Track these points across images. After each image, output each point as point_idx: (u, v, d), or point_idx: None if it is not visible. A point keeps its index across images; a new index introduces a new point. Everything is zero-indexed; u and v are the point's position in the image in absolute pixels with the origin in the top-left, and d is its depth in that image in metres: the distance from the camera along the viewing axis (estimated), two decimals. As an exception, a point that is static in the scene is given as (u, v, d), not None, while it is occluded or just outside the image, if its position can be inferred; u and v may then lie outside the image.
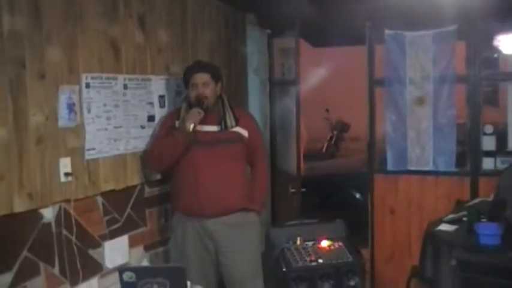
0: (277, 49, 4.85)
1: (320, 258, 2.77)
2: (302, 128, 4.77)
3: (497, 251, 3.26)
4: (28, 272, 2.81)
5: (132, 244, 3.51)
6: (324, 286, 2.65)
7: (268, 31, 4.80)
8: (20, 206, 2.74)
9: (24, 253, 2.79)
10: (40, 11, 2.80)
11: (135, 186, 3.53)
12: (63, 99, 2.95)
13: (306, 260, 2.75)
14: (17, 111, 2.71)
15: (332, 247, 2.85)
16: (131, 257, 3.51)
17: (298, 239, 2.86)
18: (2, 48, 2.61)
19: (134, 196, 3.52)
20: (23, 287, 2.78)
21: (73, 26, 3.01)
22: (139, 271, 2.50)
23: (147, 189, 3.64)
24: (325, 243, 2.86)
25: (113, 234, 3.36)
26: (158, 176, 3.70)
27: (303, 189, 4.37)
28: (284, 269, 2.71)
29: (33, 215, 2.84)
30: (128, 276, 2.52)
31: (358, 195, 6.17)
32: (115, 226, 3.37)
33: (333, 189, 6.17)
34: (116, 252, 3.38)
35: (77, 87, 3.04)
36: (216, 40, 4.34)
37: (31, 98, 2.77)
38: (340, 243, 2.88)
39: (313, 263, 2.74)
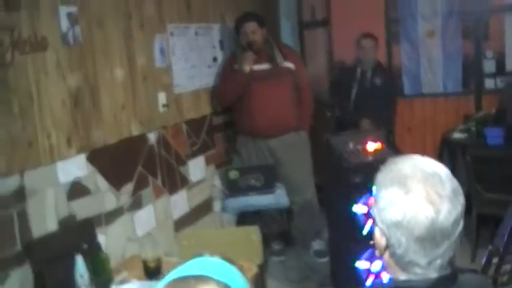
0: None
1: (369, 156, 3.58)
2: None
3: (501, 149, 4.12)
4: (142, 182, 3.59)
5: (207, 163, 4.31)
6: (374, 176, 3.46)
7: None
8: (135, 130, 3.52)
9: (139, 168, 3.58)
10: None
11: (206, 116, 4.29)
12: (157, 45, 3.69)
13: (359, 158, 3.56)
14: (129, 55, 3.45)
15: (376, 148, 3.66)
16: (207, 173, 4.30)
17: (351, 143, 3.67)
18: (115, 5, 3.34)
19: (206, 123, 4.29)
20: (139, 194, 3.57)
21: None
22: (241, 170, 3.29)
23: (214, 118, 4.40)
24: (371, 146, 3.66)
25: (194, 155, 4.14)
26: (219, 108, 4.46)
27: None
28: (345, 165, 3.51)
29: (143, 138, 3.61)
30: (233, 174, 3.32)
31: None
32: (195, 148, 4.15)
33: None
34: (197, 169, 4.17)
35: (165, 35, 3.78)
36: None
37: (137, 44, 3.52)
38: (382, 145, 3.68)
39: (365, 160, 3.55)
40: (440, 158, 4.37)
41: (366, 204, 3.60)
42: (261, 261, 2.73)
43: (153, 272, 2.27)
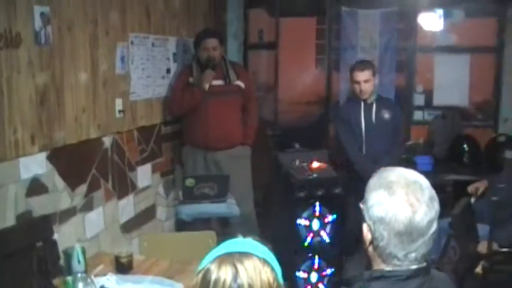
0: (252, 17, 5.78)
1: (314, 173, 3.82)
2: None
3: (431, 175, 4.47)
4: (95, 185, 3.66)
5: (153, 170, 4.41)
6: (318, 192, 3.73)
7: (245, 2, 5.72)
8: (93, 133, 3.59)
9: (93, 170, 3.64)
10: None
11: (156, 125, 4.41)
12: (119, 52, 3.80)
13: (304, 175, 3.80)
14: (93, 60, 3.54)
15: (320, 167, 3.91)
16: (153, 181, 4.41)
17: (297, 160, 3.90)
18: (84, 11, 3.43)
19: (155, 132, 4.40)
20: (91, 196, 3.63)
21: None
22: (196, 178, 3.44)
23: (163, 128, 4.52)
24: (315, 164, 3.92)
25: (143, 162, 4.24)
26: (169, 117, 4.58)
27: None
28: (291, 180, 3.74)
29: (99, 141, 3.68)
30: (189, 182, 3.46)
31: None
32: (144, 155, 4.25)
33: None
34: (144, 175, 4.27)
35: (126, 43, 3.89)
36: (207, 10, 5.21)
37: (101, 50, 3.61)
38: (325, 164, 3.95)
39: (310, 177, 3.79)
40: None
41: (307, 218, 3.85)
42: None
43: (125, 267, 2.38)
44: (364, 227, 1.57)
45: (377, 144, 4.21)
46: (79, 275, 1.75)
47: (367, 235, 1.57)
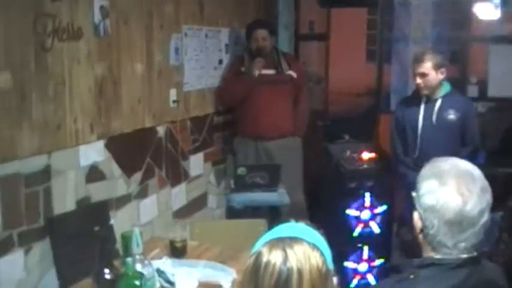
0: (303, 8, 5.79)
1: (364, 164, 3.85)
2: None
3: (483, 167, 4.43)
4: (149, 173, 3.78)
5: (205, 160, 4.50)
6: (368, 183, 3.76)
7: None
8: (148, 122, 3.71)
9: (147, 159, 3.76)
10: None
11: (209, 115, 4.50)
12: (173, 44, 3.89)
13: (355, 165, 3.83)
14: (148, 51, 3.64)
15: (370, 158, 3.93)
16: (204, 170, 4.51)
17: (348, 151, 3.93)
18: (140, 4, 3.53)
19: (208, 122, 4.49)
20: (146, 183, 3.76)
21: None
22: (248, 167, 3.52)
23: (215, 118, 4.61)
24: (366, 155, 3.94)
25: (195, 151, 4.34)
26: (222, 108, 4.67)
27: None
28: (341, 171, 3.78)
29: (153, 130, 3.80)
30: (241, 170, 3.54)
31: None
32: (196, 144, 4.35)
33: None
34: (196, 164, 4.37)
35: (180, 35, 3.98)
36: (258, 2, 5.26)
37: (156, 42, 3.71)
38: (376, 155, 3.97)
39: (360, 167, 3.82)
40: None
41: (357, 208, 3.88)
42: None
43: (179, 251, 2.47)
44: (415, 215, 1.60)
45: (436, 148, 3.46)
46: (137, 256, 1.84)
47: (417, 223, 1.60)
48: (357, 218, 3.84)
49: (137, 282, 1.74)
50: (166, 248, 2.55)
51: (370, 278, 3.92)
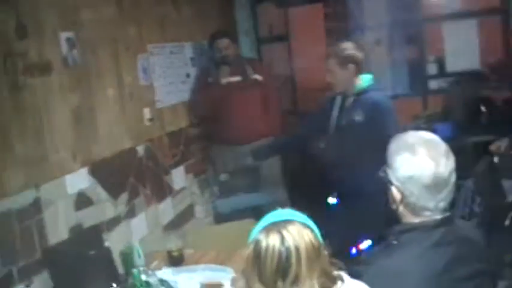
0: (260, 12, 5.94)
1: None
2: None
3: (451, 141, 4.61)
4: (134, 192, 3.87)
5: (186, 172, 4.61)
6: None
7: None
8: (127, 144, 3.81)
9: (131, 179, 3.86)
10: (122, 6, 3.83)
11: (183, 128, 4.61)
12: (140, 65, 4.00)
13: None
14: (118, 75, 3.75)
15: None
16: (187, 182, 4.61)
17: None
18: (104, 32, 3.63)
19: (183, 135, 4.60)
20: (132, 203, 3.85)
21: (141, 13, 4.04)
22: (230, 172, 3.66)
23: (190, 130, 4.72)
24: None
25: (176, 165, 4.44)
26: (195, 119, 4.78)
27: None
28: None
29: (133, 151, 3.89)
30: (224, 177, 3.68)
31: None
32: (176, 158, 4.46)
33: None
34: (178, 178, 4.48)
35: (146, 55, 4.09)
36: (217, 12, 5.39)
37: (123, 65, 3.82)
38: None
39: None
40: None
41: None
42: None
43: (177, 260, 2.59)
44: (393, 189, 1.74)
45: (344, 151, 3.51)
46: (141, 268, 1.95)
47: (397, 195, 1.74)
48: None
49: (146, 291, 1.86)
50: (164, 259, 2.66)
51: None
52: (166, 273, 2.32)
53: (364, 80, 3.53)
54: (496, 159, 4.06)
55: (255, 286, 1.39)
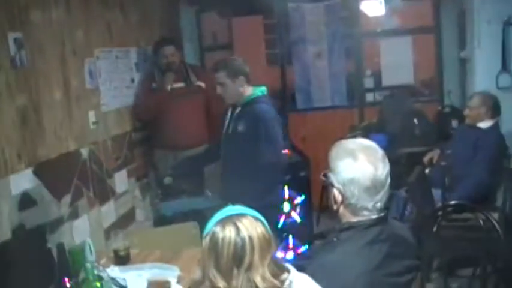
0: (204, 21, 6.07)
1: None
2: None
3: (386, 150, 4.86)
4: (78, 194, 3.90)
5: (129, 176, 4.66)
6: (285, 176, 4.08)
7: (195, 7, 6.02)
8: (71, 146, 3.83)
9: (75, 181, 3.88)
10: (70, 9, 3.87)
11: (127, 132, 4.66)
12: (87, 68, 4.04)
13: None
14: (64, 78, 3.77)
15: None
16: (129, 185, 4.66)
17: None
18: (52, 34, 3.66)
19: (127, 139, 4.65)
20: (76, 205, 3.87)
21: (89, 17, 4.09)
22: (174, 176, 3.75)
23: (133, 134, 4.78)
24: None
25: (118, 168, 4.48)
26: (139, 124, 4.84)
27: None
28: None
29: (77, 153, 3.92)
30: (168, 180, 3.75)
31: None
32: (118, 162, 4.50)
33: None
34: (121, 181, 4.52)
35: (93, 59, 4.13)
36: (162, 19, 5.47)
37: (70, 68, 3.85)
38: (289, 151, 4.30)
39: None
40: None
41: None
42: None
43: (124, 259, 2.66)
44: (335, 191, 1.89)
45: (231, 159, 3.67)
46: (94, 263, 2.02)
47: (338, 197, 1.89)
48: (279, 210, 4.13)
49: (99, 284, 1.92)
50: (111, 259, 2.72)
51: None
52: (114, 271, 2.38)
53: (255, 91, 3.64)
54: (427, 170, 4.32)
55: (212, 274, 1.51)
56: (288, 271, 1.58)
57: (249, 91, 3.62)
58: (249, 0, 5.90)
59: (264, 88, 3.69)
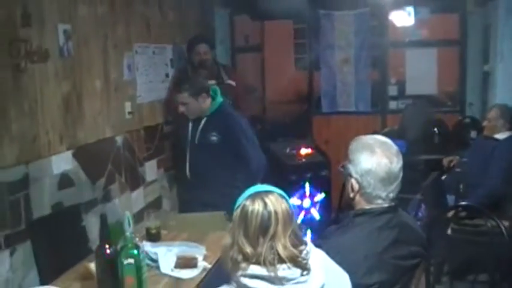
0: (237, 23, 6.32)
1: (303, 159, 4.37)
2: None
3: (405, 157, 5.04)
4: (111, 179, 4.15)
5: (158, 166, 4.91)
6: (307, 174, 4.28)
7: (228, 10, 6.27)
8: (108, 133, 4.08)
9: (109, 166, 4.14)
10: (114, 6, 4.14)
11: (159, 124, 4.91)
12: (126, 61, 4.30)
13: (295, 160, 4.34)
14: (105, 69, 4.04)
15: (308, 153, 4.46)
16: (158, 175, 4.91)
17: (288, 148, 4.44)
18: (96, 27, 3.92)
19: (158, 131, 4.91)
20: (108, 189, 4.13)
21: (130, 14, 4.36)
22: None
23: (165, 127, 5.03)
24: (303, 151, 4.46)
25: (149, 158, 4.74)
26: (170, 117, 5.08)
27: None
28: (284, 166, 4.28)
29: (113, 140, 4.18)
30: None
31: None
32: (150, 152, 4.75)
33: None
34: (151, 170, 4.77)
35: (131, 53, 4.39)
36: (197, 19, 5.73)
37: (111, 60, 4.11)
38: (312, 150, 4.50)
39: (300, 162, 4.34)
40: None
41: (299, 198, 4.39)
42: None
43: (155, 237, 2.90)
44: (352, 180, 2.11)
45: (203, 169, 3.89)
46: (132, 234, 2.24)
47: (355, 186, 2.10)
48: (299, 206, 4.35)
49: (136, 252, 2.15)
50: (143, 237, 2.96)
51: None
52: (146, 245, 2.62)
53: (216, 99, 3.91)
54: (443, 177, 4.49)
55: (240, 240, 1.73)
56: (306, 244, 1.79)
57: (209, 102, 3.87)
58: (281, 4, 6.14)
59: (216, 88, 3.96)
